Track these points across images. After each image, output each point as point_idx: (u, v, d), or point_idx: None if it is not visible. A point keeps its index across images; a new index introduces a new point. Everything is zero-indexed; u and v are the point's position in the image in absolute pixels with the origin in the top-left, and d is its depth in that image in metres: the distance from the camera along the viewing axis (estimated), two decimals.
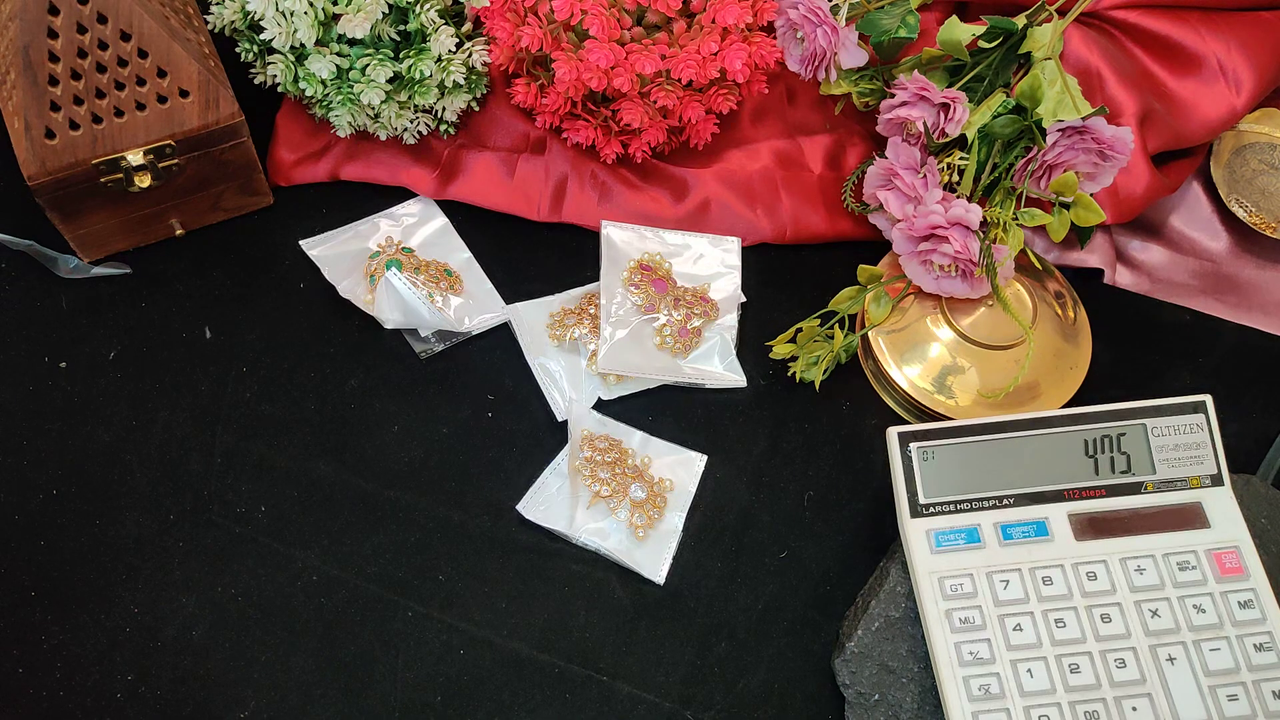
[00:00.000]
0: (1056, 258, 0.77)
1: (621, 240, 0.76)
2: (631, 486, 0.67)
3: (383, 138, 0.77)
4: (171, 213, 0.74)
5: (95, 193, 0.69)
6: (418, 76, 0.71)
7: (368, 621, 0.64)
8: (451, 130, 0.79)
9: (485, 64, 0.75)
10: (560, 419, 0.71)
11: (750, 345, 0.74)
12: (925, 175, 0.70)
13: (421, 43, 0.72)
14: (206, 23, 0.73)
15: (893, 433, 0.63)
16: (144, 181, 0.70)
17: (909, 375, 0.70)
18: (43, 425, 0.69)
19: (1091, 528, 0.62)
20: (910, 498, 0.62)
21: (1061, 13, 0.70)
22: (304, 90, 0.72)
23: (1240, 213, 0.78)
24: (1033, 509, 0.62)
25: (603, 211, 0.78)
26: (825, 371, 0.71)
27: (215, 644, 0.63)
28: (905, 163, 0.71)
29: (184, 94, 0.68)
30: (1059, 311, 0.72)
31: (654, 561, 0.66)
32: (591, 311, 0.73)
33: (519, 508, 0.68)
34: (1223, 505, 0.63)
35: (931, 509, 0.62)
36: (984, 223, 0.68)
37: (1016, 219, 0.69)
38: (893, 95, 0.71)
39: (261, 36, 0.69)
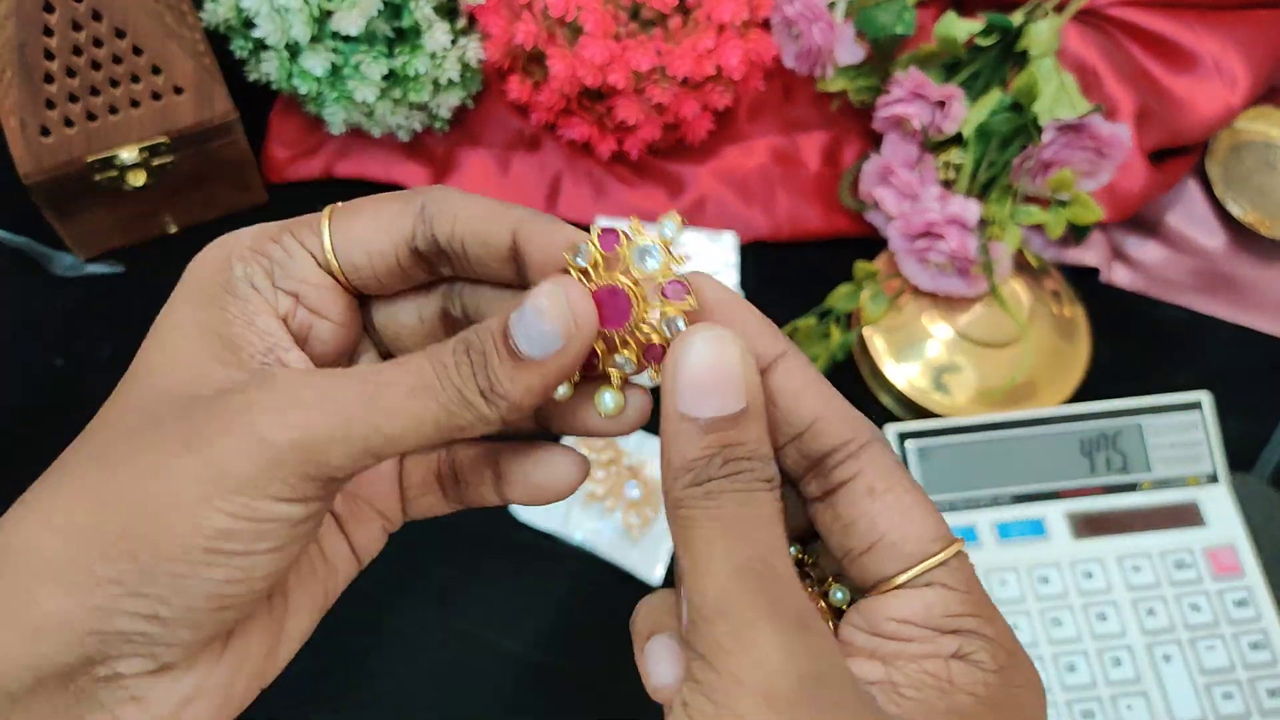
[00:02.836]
0: (1052, 255, 0.77)
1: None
2: (627, 485, 0.67)
3: (377, 135, 0.77)
4: (165, 210, 0.74)
5: (90, 190, 0.69)
6: (412, 73, 0.71)
7: (362, 621, 0.64)
8: (446, 127, 0.78)
9: (480, 60, 0.75)
10: None
11: None
12: (921, 172, 0.70)
13: (416, 39, 0.71)
14: (200, 19, 0.73)
15: (890, 431, 0.63)
16: (138, 179, 0.69)
17: (906, 373, 0.70)
18: (38, 424, 0.69)
19: (1088, 526, 0.62)
20: None
21: (1058, 10, 0.70)
22: (298, 88, 0.71)
23: (1237, 211, 0.78)
24: (1030, 508, 0.62)
25: (598, 208, 0.77)
26: (822, 369, 0.71)
27: None
28: (902, 159, 0.71)
29: (178, 91, 0.68)
30: (1056, 309, 0.72)
31: (648, 562, 0.66)
32: None
33: (513, 508, 0.68)
34: (1219, 504, 0.63)
35: None
36: (981, 220, 0.68)
37: (1014, 217, 0.69)
38: (889, 92, 0.71)
39: (255, 33, 0.69)
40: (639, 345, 0.29)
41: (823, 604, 0.30)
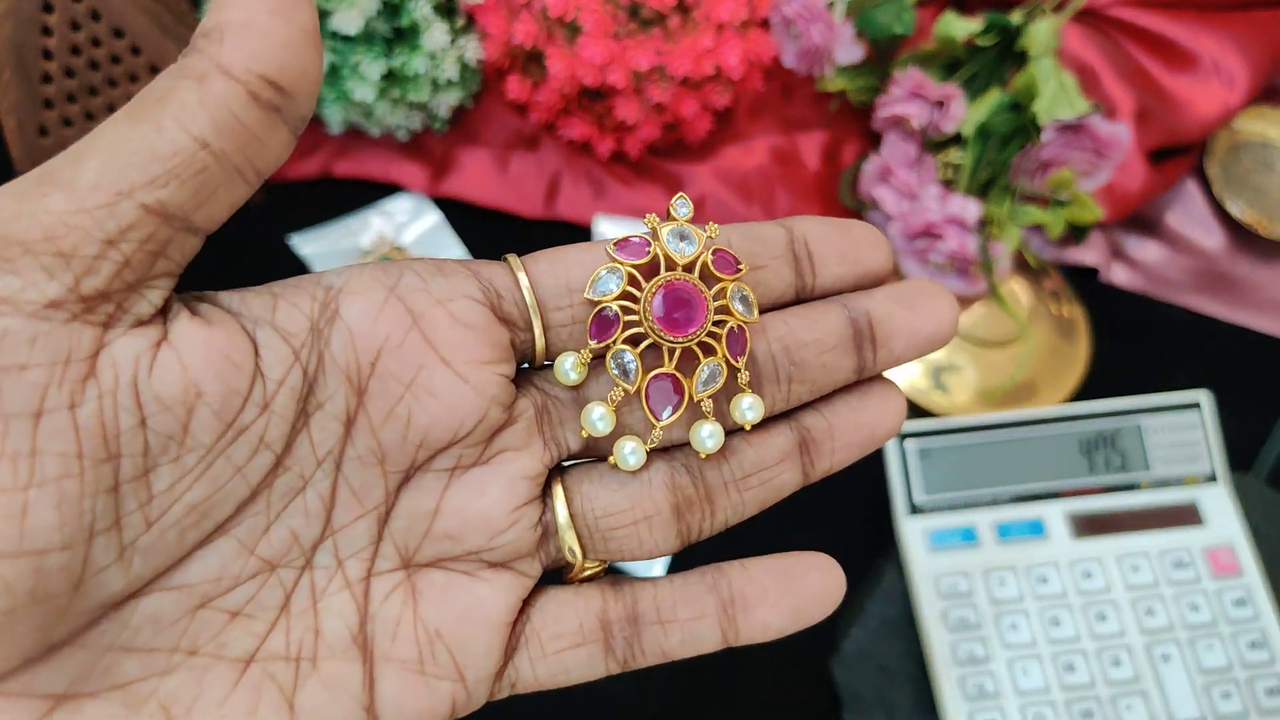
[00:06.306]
0: (1052, 255, 0.77)
1: (615, 235, 0.76)
2: None
3: (375, 134, 0.77)
4: None
5: None
6: (410, 73, 0.71)
7: None
8: (445, 127, 0.78)
9: (478, 60, 0.75)
10: None
11: None
12: (920, 172, 0.70)
13: (414, 39, 0.71)
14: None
15: None
16: None
17: (905, 373, 0.70)
18: None
19: (1088, 526, 0.62)
20: (906, 496, 0.62)
21: (1058, 10, 0.70)
22: None
23: (1235, 211, 0.78)
24: (1029, 507, 0.62)
25: (597, 208, 0.77)
26: None
27: None
28: (901, 159, 0.71)
29: None
30: (1055, 309, 0.72)
31: (647, 563, 0.66)
32: None
33: None
34: (1218, 503, 0.63)
35: (928, 508, 0.62)
36: (981, 220, 0.68)
37: (1013, 216, 0.69)
38: (888, 91, 0.71)
39: None
40: (718, 342, 0.26)
41: None
